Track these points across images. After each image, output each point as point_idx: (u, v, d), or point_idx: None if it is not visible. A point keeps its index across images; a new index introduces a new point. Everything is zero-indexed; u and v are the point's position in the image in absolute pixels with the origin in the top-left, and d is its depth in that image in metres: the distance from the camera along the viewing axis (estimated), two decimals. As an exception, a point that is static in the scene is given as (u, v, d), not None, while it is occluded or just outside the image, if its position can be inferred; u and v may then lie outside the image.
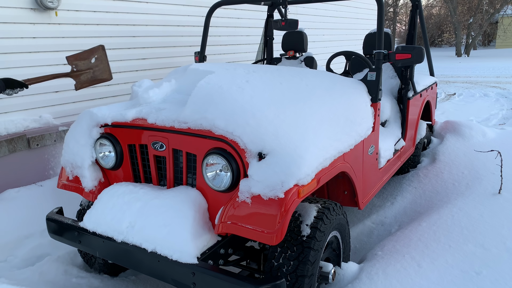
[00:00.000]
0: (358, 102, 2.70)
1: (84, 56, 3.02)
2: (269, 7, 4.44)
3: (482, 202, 3.20)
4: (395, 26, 32.51)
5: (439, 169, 4.08)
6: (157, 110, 2.32)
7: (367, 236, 3.32)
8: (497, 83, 12.59)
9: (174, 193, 2.15)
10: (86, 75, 3.02)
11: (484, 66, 18.02)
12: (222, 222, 1.94)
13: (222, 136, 2.01)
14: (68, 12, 4.27)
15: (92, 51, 3.01)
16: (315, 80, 2.68)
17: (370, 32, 3.94)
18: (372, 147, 2.89)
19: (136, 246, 2.03)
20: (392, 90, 3.96)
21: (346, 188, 2.74)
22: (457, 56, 25.28)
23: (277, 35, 4.60)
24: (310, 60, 4.24)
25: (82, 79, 3.02)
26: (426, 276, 2.38)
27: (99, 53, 3.00)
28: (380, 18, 2.88)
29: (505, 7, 26.19)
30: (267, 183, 1.84)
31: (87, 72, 3.02)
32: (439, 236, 2.79)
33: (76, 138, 2.44)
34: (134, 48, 5.02)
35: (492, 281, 2.30)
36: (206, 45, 3.85)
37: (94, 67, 3.01)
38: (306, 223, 2.10)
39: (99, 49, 3.02)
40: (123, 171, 2.46)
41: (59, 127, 4.21)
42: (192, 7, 5.73)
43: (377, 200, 3.82)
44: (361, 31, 10.38)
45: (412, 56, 2.84)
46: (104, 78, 3.02)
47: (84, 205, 2.72)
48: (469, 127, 4.87)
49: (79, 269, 2.81)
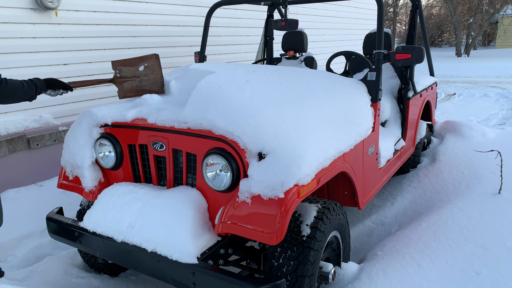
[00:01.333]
0: (358, 102, 2.70)
1: (131, 63, 2.74)
2: (269, 7, 4.44)
3: (482, 202, 3.20)
4: (395, 26, 32.52)
5: (439, 169, 4.08)
6: (157, 110, 2.32)
7: (367, 236, 3.32)
8: (497, 83, 12.59)
9: (174, 193, 2.15)
10: (130, 83, 2.73)
11: (484, 66, 18.01)
12: (222, 222, 1.94)
13: (222, 136, 2.01)
14: (68, 12, 4.27)
15: (142, 58, 2.72)
16: (315, 80, 2.68)
17: (370, 32, 3.94)
18: (372, 147, 2.89)
19: (136, 246, 2.03)
20: (392, 90, 3.96)
21: (346, 188, 2.74)
22: (457, 56, 25.28)
23: (277, 35, 4.60)
24: (310, 60, 4.24)
25: (126, 87, 2.74)
26: (426, 276, 2.38)
27: (151, 62, 2.69)
28: (380, 18, 2.88)
29: (505, 7, 26.19)
30: (267, 183, 1.84)
31: (132, 80, 2.72)
32: (439, 236, 2.80)
33: (76, 138, 2.44)
34: (134, 48, 5.02)
35: (492, 281, 2.30)
36: (206, 45, 3.85)
37: (142, 75, 2.70)
38: (306, 223, 2.10)
39: (152, 58, 2.70)
40: (123, 171, 2.46)
41: (59, 127, 4.21)
42: (192, 7, 5.73)
43: (377, 200, 3.82)
44: (361, 31, 10.38)
45: (412, 56, 2.84)
46: (155, 90, 2.67)
47: (84, 205, 2.72)
48: (469, 127, 4.87)
49: (79, 269, 2.81)
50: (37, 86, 2.32)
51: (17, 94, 2.21)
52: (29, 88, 2.26)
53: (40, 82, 2.36)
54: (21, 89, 2.21)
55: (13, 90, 2.17)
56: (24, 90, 2.24)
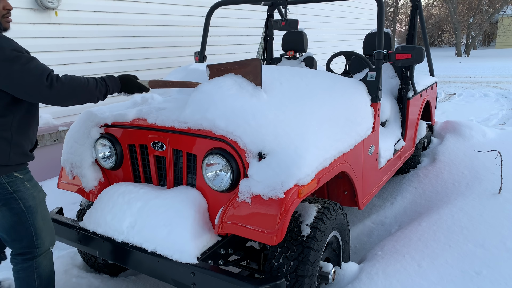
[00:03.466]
0: (358, 102, 2.70)
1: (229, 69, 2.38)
2: (269, 7, 4.44)
3: (482, 202, 3.20)
4: (395, 26, 32.52)
5: (439, 169, 4.08)
6: (157, 110, 2.32)
7: (367, 236, 3.32)
8: (497, 83, 12.59)
9: (174, 193, 2.15)
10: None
11: (484, 66, 18.01)
12: (222, 222, 1.94)
13: (222, 136, 2.01)
14: (68, 12, 4.27)
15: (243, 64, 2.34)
16: (315, 80, 2.68)
17: (370, 32, 3.94)
18: (372, 147, 2.89)
19: (136, 246, 2.03)
20: (392, 90, 3.96)
21: (346, 188, 2.74)
22: (457, 56, 25.27)
23: (277, 35, 4.60)
24: (310, 60, 4.25)
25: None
26: (426, 276, 2.38)
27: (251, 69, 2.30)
28: (380, 18, 2.88)
29: (505, 7, 26.18)
30: (267, 183, 1.84)
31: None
32: (439, 236, 2.80)
33: (76, 138, 2.44)
34: (134, 48, 5.02)
35: (492, 281, 2.30)
36: (206, 45, 3.85)
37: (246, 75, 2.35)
38: (306, 223, 2.10)
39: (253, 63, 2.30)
40: (123, 171, 2.46)
41: (59, 127, 4.21)
42: (192, 7, 5.73)
43: (377, 200, 3.82)
44: (361, 31, 10.38)
45: (412, 56, 2.84)
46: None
47: (84, 205, 2.72)
48: (469, 127, 4.87)
49: (79, 269, 2.80)
50: (109, 87, 1.98)
51: (78, 95, 1.83)
52: (95, 88, 1.89)
53: (112, 81, 2.01)
54: (84, 88, 1.84)
55: (73, 90, 1.80)
56: (89, 90, 1.86)
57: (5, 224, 1.90)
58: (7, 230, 1.91)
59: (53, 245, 2.08)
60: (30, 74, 1.70)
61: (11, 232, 1.91)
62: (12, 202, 1.86)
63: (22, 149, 1.89)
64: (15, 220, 1.89)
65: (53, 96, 1.75)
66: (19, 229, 1.91)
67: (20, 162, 1.90)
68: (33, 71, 1.71)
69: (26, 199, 1.90)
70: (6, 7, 1.86)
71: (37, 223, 1.95)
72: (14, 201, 1.87)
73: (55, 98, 1.77)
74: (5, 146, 1.82)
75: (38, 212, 1.95)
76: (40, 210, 1.97)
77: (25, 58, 1.72)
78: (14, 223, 1.89)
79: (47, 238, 2.01)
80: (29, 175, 1.96)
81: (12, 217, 1.88)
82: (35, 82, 1.70)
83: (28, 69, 1.70)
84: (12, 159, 1.85)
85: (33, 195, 1.94)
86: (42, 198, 2.00)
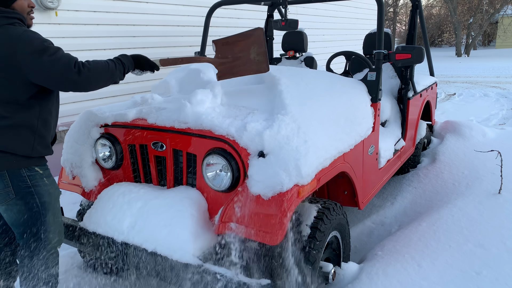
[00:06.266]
0: (358, 102, 2.70)
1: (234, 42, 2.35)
2: (269, 7, 4.44)
3: (482, 202, 3.20)
4: (395, 26, 32.52)
5: (439, 169, 4.08)
6: (157, 110, 2.32)
7: (367, 236, 3.32)
8: (497, 83, 12.59)
9: (174, 193, 2.15)
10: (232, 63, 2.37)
11: (484, 66, 18.01)
12: (222, 222, 1.94)
13: (222, 136, 2.01)
14: (68, 12, 4.28)
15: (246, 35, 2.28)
16: (315, 80, 2.68)
17: (370, 32, 3.94)
18: (372, 147, 2.89)
19: (136, 246, 2.03)
20: (392, 90, 3.96)
21: (346, 188, 2.74)
22: (457, 56, 25.27)
23: (277, 35, 4.60)
24: (310, 60, 4.25)
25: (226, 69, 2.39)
26: (426, 276, 2.38)
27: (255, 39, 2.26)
28: (380, 18, 2.88)
29: (505, 7, 26.19)
30: (267, 183, 1.84)
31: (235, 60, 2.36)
32: (439, 236, 2.79)
33: (76, 138, 2.44)
34: (134, 48, 5.02)
35: (492, 281, 2.30)
36: (206, 45, 3.85)
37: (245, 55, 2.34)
38: (306, 223, 2.10)
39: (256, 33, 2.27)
40: (123, 171, 2.46)
41: (59, 127, 4.21)
42: (192, 7, 5.73)
43: (377, 200, 3.82)
44: (361, 31, 10.37)
45: (412, 56, 2.84)
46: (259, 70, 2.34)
47: (84, 205, 2.72)
48: (469, 127, 4.87)
49: (79, 269, 2.81)
50: (125, 65, 2.01)
51: (104, 77, 1.89)
52: (115, 68, 1.94)
53: (127, 60, 2.04)
54: (106, 70, 1.89)
55: (99, 74, 1.86)
56: (111, 71, 1.91)
57: (17, 216, 1.91)
58: (18, 222, 1.93)
59: (59, 245, 2.10)
60: (59, 63, 1.74)
61: (22, 225, 1.93)
62: (29, 196, 1.89)
63: (45, 140, 1.93)
64: (28, 214, 1.91)
65: (82, 82, 1.79)
66: (30, 223, 1.93)
67: (42, 155, 1.93)
68: (62, 60, 1.76)
69: (42, 195, 1.92)
70: (30, 5, 1.94)
71: (48, 219, 1.97)
72: (31, 195, 1.89)
73: (84, 84, 1.82)
74: (30, 136, 1.86)
75: (51, 209, 1.98)
76: (53, 207, 1.99)
77: (53, 48, 1.77)
78: (26, 217, 1.91)
79: (55, 236, 2.03)
80: (48, 171, 1.99)
81: (26, 211, 1.90)
82: (64, 71, 1.75)
83: (56, 58, 1.74)
84: (35, 150, 1.88)
85: (49, 192, 1.96)
86: (57, 196, 2.03)
